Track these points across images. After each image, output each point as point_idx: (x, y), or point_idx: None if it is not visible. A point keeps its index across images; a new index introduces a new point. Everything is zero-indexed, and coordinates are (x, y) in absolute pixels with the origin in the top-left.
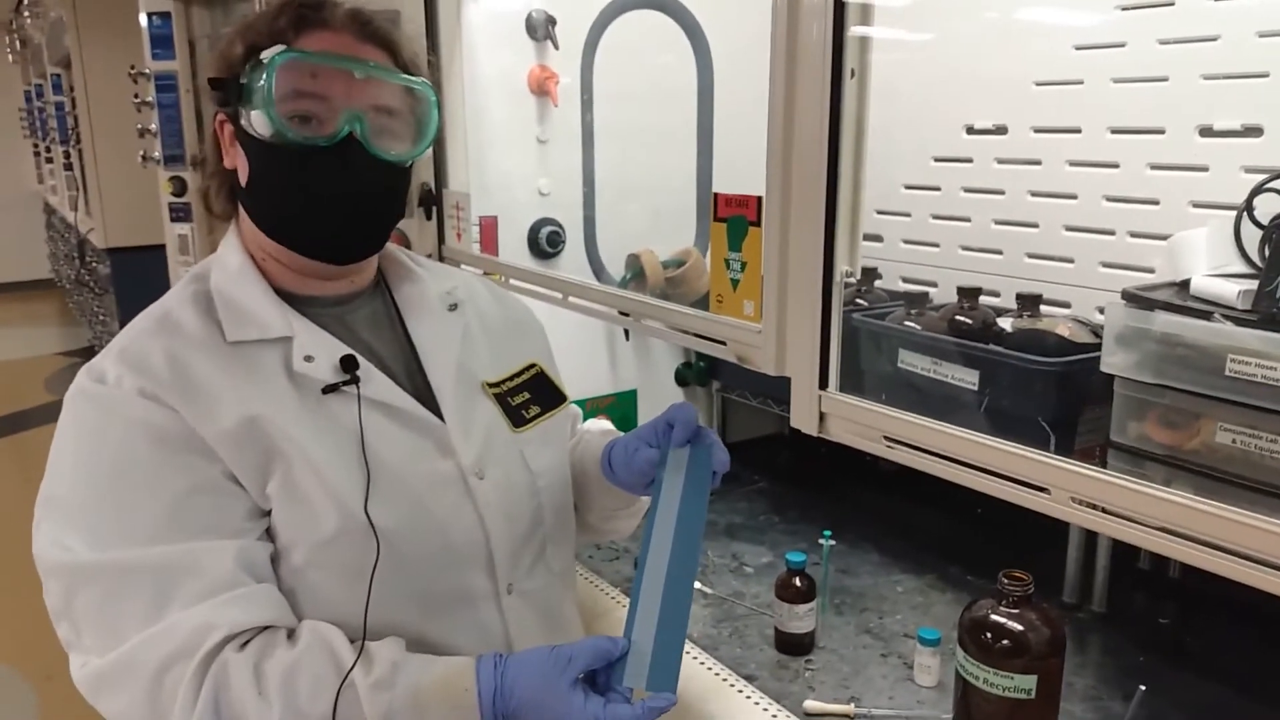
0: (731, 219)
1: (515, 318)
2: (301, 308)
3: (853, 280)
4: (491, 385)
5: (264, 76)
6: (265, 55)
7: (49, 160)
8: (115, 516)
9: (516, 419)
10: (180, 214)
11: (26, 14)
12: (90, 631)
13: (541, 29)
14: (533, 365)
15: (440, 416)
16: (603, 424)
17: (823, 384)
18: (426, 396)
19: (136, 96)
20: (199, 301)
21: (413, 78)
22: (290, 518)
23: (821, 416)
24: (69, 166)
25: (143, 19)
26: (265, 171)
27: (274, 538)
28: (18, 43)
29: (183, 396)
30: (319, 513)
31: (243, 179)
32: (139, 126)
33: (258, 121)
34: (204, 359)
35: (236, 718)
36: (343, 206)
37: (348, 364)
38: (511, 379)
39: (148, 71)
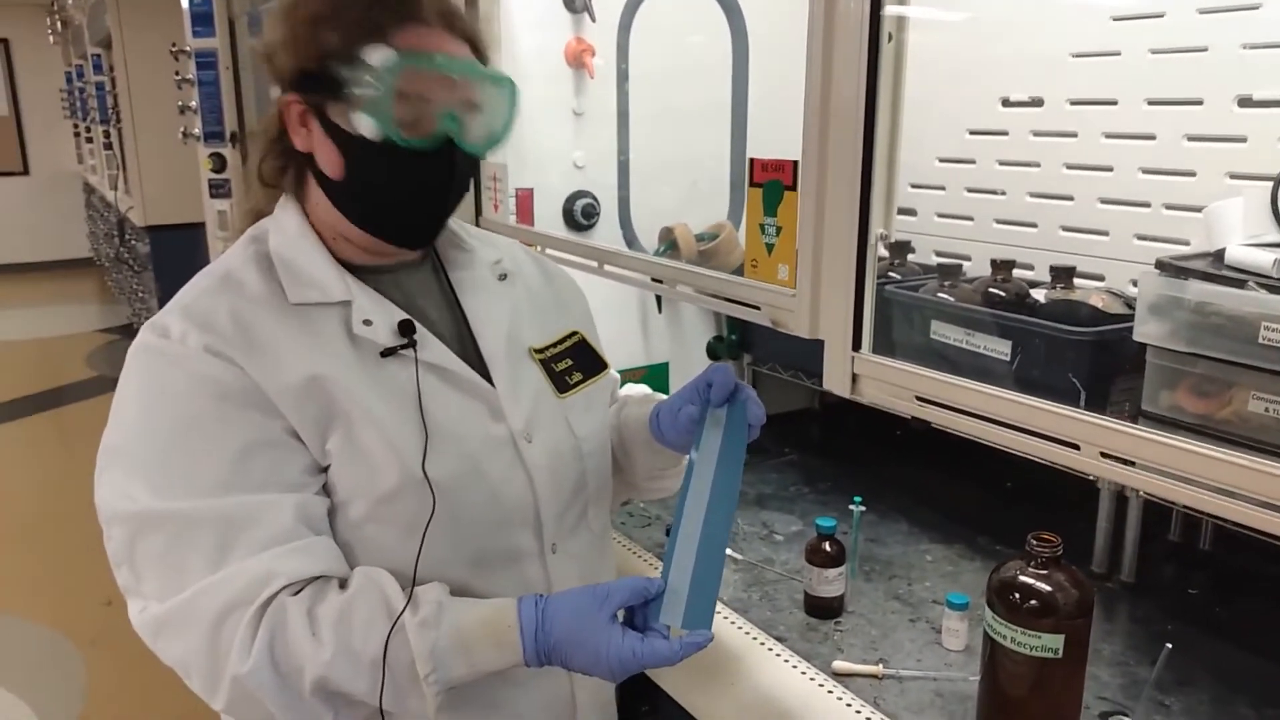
0: (767, 184)
1: (559, 287)
2: (358, 274)
3: (888, 240)
4: (537, 351)
5: (375, 81)
6: (373, 58)
7: (89, 140)
8: (180, 468)
9: (561, 385)
10: (220, 190)
11: None
12: (151, 577)
13: (579, 1)
14: (575, 333)
15: (490, 382)
16: (641, 389)
17: (856, 345)
18: (476, 362)
19: (177, 74)
20: (260, 262)
21: (499, 74)
22: (350, 473)
23: (854, 378)
24: (109, 146)
25: None
26: (365, 170)
27: (331, 493)
28: (59, 24)
29: (246, 353)
30: (380, 468)
31: (331, 171)
32: (179, 104)
33: (362, 123)
34: (267, 317)
35: (291, 658)
36: (434, 199)
37: (405, 328)
38: (555, 346)
39: (188, 49)
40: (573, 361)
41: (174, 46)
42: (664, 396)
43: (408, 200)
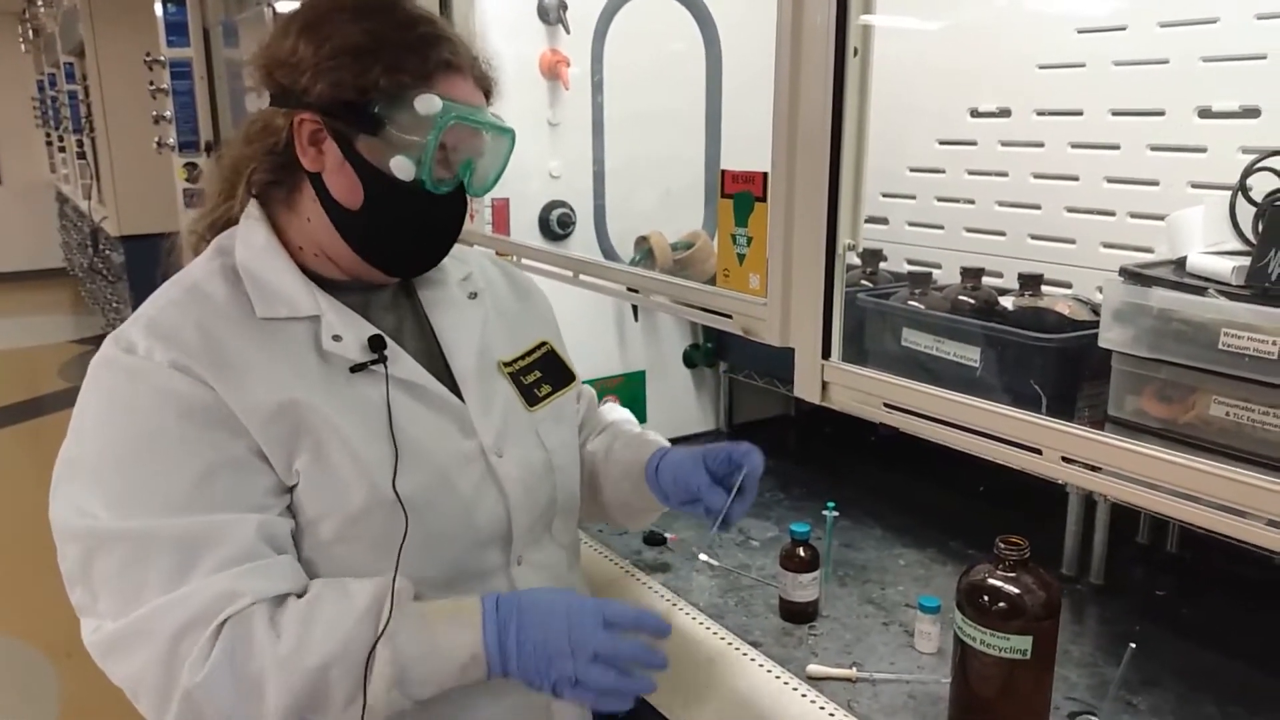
0: (738, 195)
1: (526, 297)
2: (326, 289)
3: (856, 250)
4: (506, 364)
5: (421, 130)
6: (421, 106)
7: (61, 149)
8: (141, 485)
9: (530, 398)
10: (194, 199)
11: (39, 3)
12: (107, 596)
13: (553, 13)
14: (544, 344)
15: (460, 398)
16: (626, 414)
17: (825, 354)
18: (445, 378)
19: (151, 84)
20: (227, 275)
21: (508, 126)
22: (319, 492)
23: (824, 385)
24: (82, 155)
25: (157, 7)
26: (386, 206)
27: (297, 513)
28: (30, 32)
29: (214, 370)
30: (348, 487)
31: (346, 200)
32: (154, 113)
33: (398, 165)
34: (235, 332)
35: (252, 662)
36: (441, 239)
37: (375, 344)
38: (523, 358)
39: (163, 58)
40: (541, 374)
41: (148, 56)
42: (655, 436)
43: (416, 238)
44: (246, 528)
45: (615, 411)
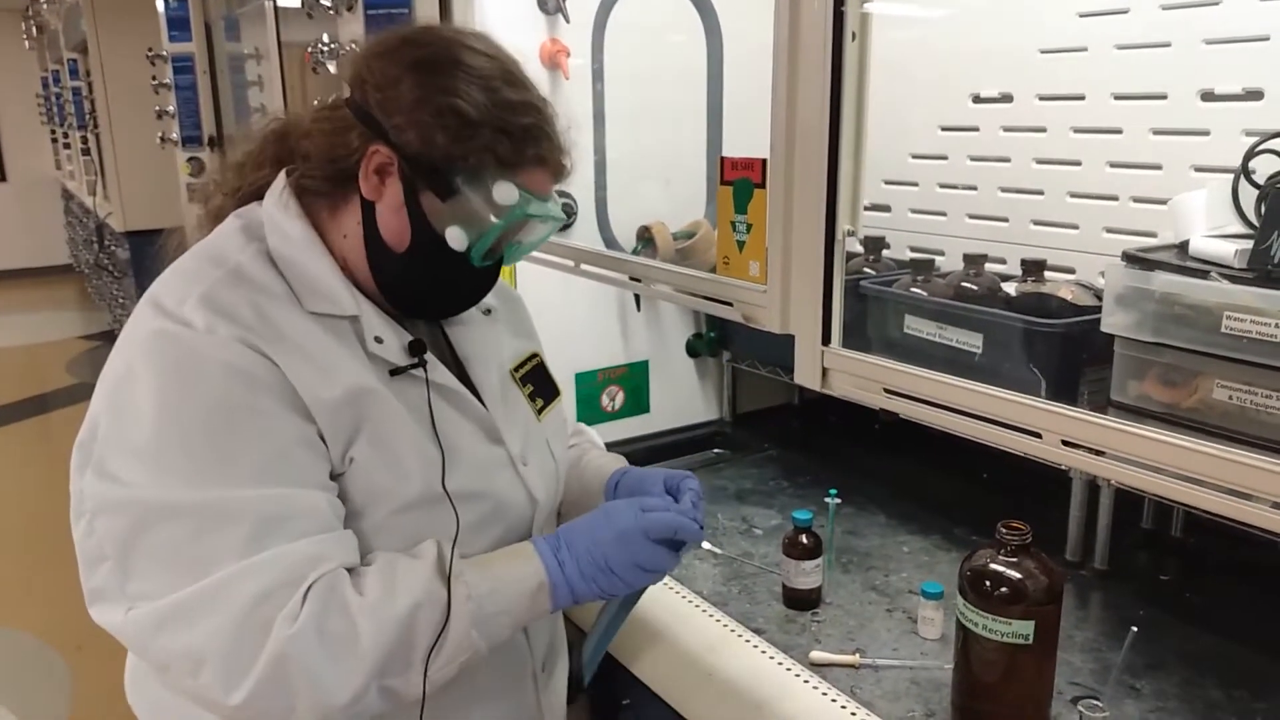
0: (737, 182)
1: (514, 307)
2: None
3: (855, 236)
4: (514, 372)
5: (491, 214)
6: (499, 194)
7: (66, 146)
8: (214, 458)
9: (534, 410)
10: (197, 195)
11: (43, 0)
12: (152, 572)
13: (553, 2)
14: (535, 355)
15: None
16: (591, 433)
17: (825, 340)
18: (468, 388)
19: (154, 79)
20: (266, 260)
21: (562, 216)
22: (373, 481)
23: (824, 372)
24: (86, 151)
25: (159, 2)
26: (427, 262)
27: (345, 501)
28: (34, 29)
29: (280, 350)
30: (405, 478)
31: (391, 240)
32: (156, 108)
33: (453, 234)
34: (290, 321)
35: (345, 618)
36: (462, 299)
37: (414, 348)
38: (521, 367)
39: (165, 54)
40: (534, 387)
41: (150, 51)
42: (616, 456)
43: (443, 295)
44: (320, 501)
45: (587, 430)
